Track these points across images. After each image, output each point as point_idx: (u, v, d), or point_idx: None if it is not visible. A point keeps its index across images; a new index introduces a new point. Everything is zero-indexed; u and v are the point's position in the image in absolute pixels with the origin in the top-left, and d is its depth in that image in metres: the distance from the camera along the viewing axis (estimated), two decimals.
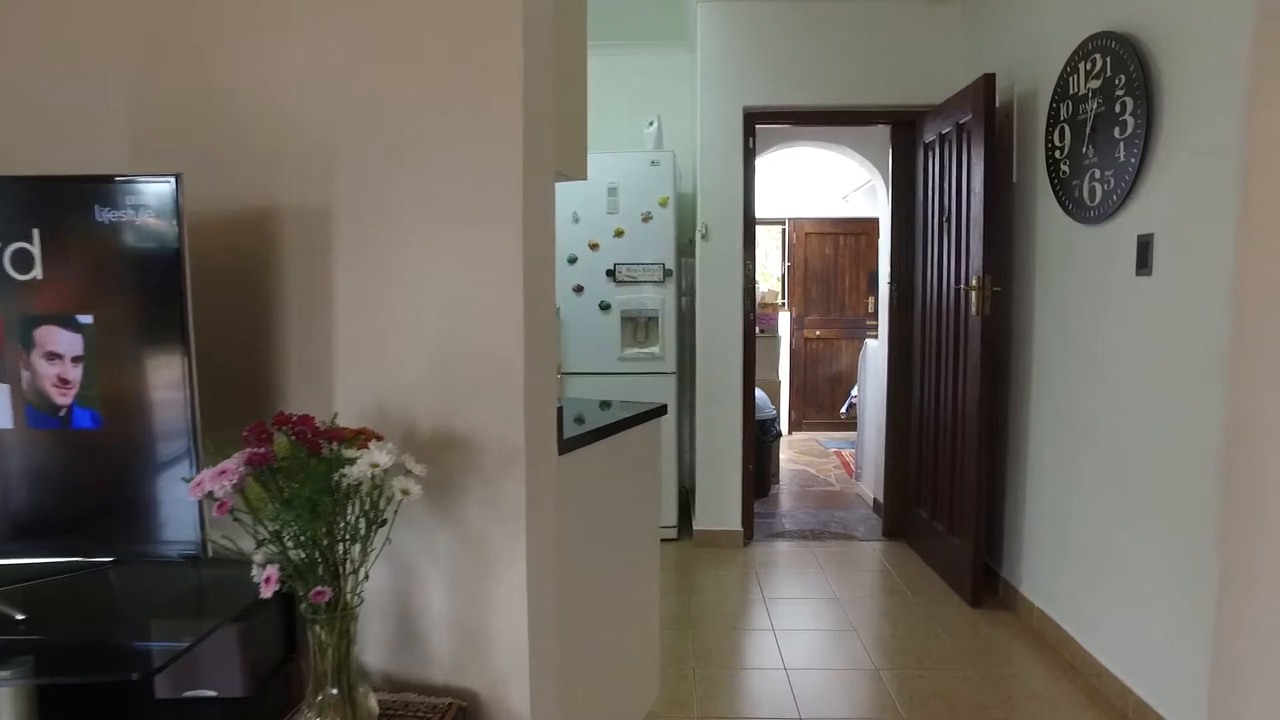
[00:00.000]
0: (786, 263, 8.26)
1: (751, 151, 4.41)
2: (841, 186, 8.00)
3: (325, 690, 1.25)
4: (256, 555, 1.22)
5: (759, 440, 5.18)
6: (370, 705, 1.30)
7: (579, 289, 4.49)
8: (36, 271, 1.31)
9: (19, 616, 1.33)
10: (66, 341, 1.32)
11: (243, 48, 1.50)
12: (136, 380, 1.35)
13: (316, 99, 1.47)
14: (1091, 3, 2.91)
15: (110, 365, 1.34)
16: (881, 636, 3.30)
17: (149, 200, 1.30)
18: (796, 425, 8.25)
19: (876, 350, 5.19)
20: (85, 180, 1.31)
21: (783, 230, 8.25)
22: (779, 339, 7.93)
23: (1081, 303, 3.01)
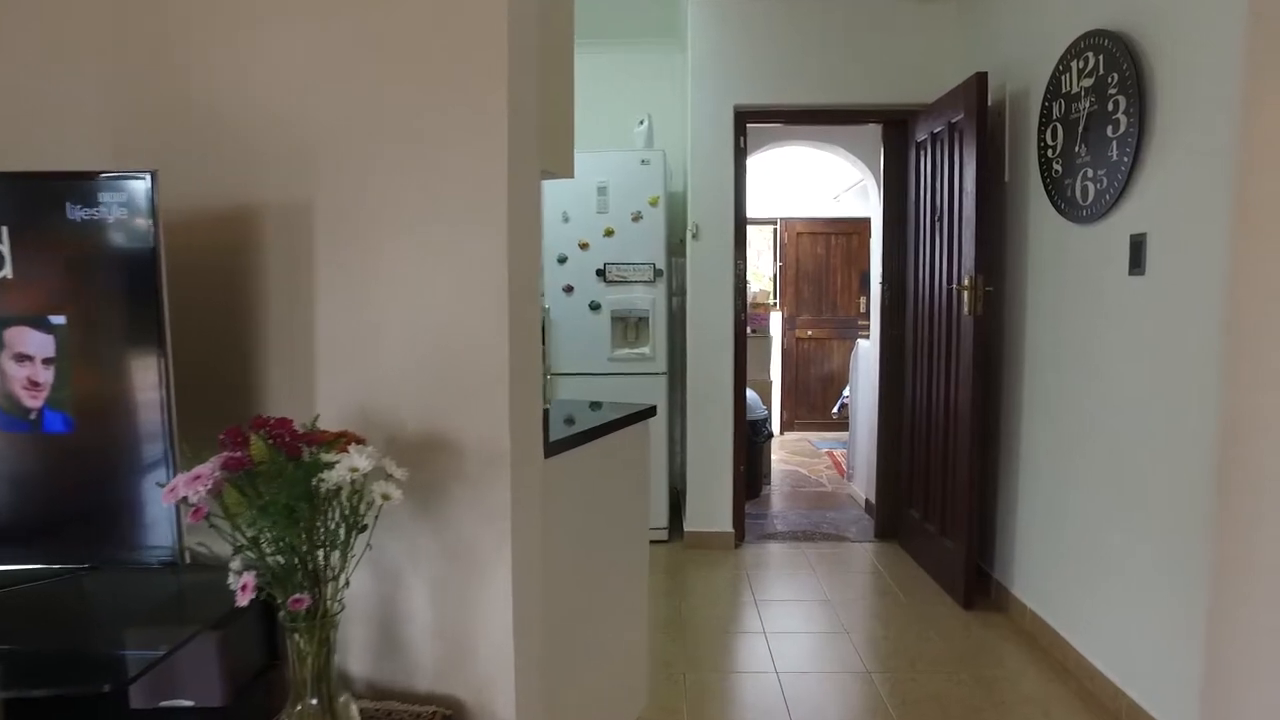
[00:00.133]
0: (778, 262, 8.25)
1: (743, 150, 4.39)
2: (833, 186, 7.99)
3: (305, 700, 1.22)
4: (233, 562, 1.18)
5: (750, 441, 5.16)
6: (352, 714, 1.27)
7: (569, 289, 4.46)
8: (6, 270, 1.27)
9: None
10: (37, 343, 1.28)
11: (224, 44, 1.47)
12: (110, 383, 1.31)
13: (298, 96, 1.44)
14: (1084, 1, 2.90)
15: (83, 367, 1.30)
16: (873, 639, 3.27)
17: (123, 197, 1.26)
18: (788, 425, 8.24)
19: (868, 350, 5.18)
20: (57, 177, 1.28)
21: (774, 230, 8.24)
22: (770, 339, 7.91)
23: (1074, 303, 2.99)
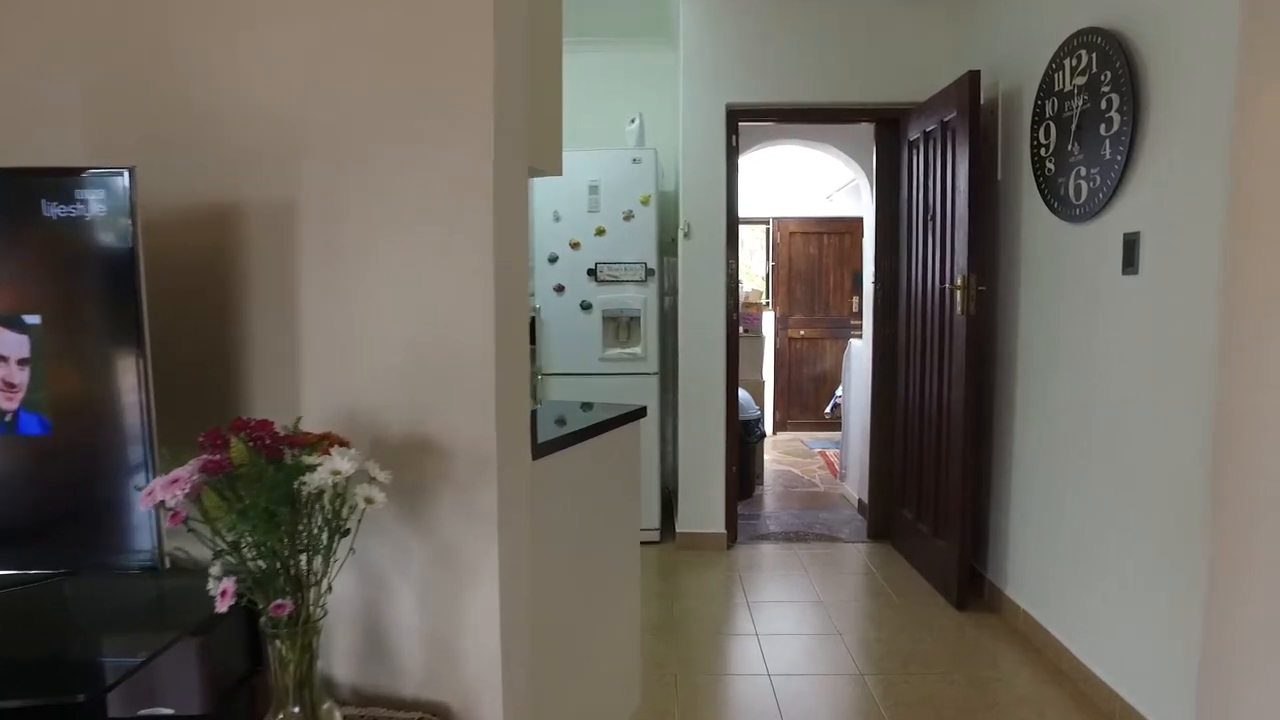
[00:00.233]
0: (771, 262, 8.24)
1: (734, 149, 4.37)
2: (826, 186, 7.98)
3: (287, 708, 1.19)
4: (213, 567, 1.16)
5: (743, 441, 5.14)
6: None
7: (560, 288, 4.43)
8: None
9: None
10: (12, 343, 1.25)
11: (207, 40, 1.44)
12: (88, 384, 1.28)
13: (283, 93, 1.41)
14: None
15: (60, 368, 1.27)
16: (866, 640, 3.26)
17: (101, 194, 1.23)
18: (781, 425, 8.22)
19: (861, 350, 5.17)
20: (30, 173, 1.24)
21: (767, 229, 8.22)
22: (763, 339, 7.90)
23: (1067, 302, 2.98)
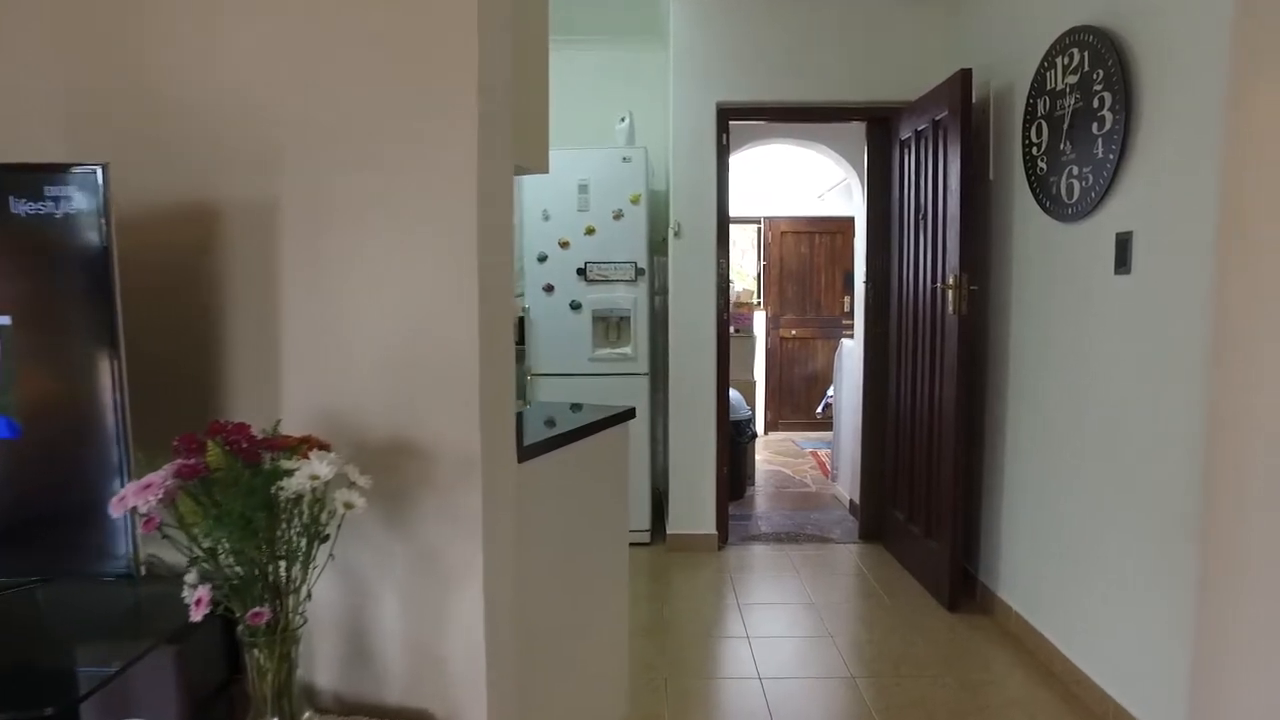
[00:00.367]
0: (762, 261, 8.22)
1: (725, 148, 4.34)
2: (817, 185, 7.97)
3: (265, 719, 1.17)
4: (189, 575, 1.13)
5: (734, 441, 5.12)
6: None
7: (549, 288, 4.40)
8: None
9: None
10: None
11: (186, 35, 1.40)
12: (60, 386, 1.25)
13: (262, 90, 1.38)
14: None
15: (31, 370, 1.23)
16: (858, 642, 3.24)
17: (72, 191, 1.20)
18: (772, 425, 8.21)
19: (852, 350, 5.15)
20: None
21: (758, 229, 8.21)
22: (754, 338, 7.88)
23: (1060, 302, 2.97)
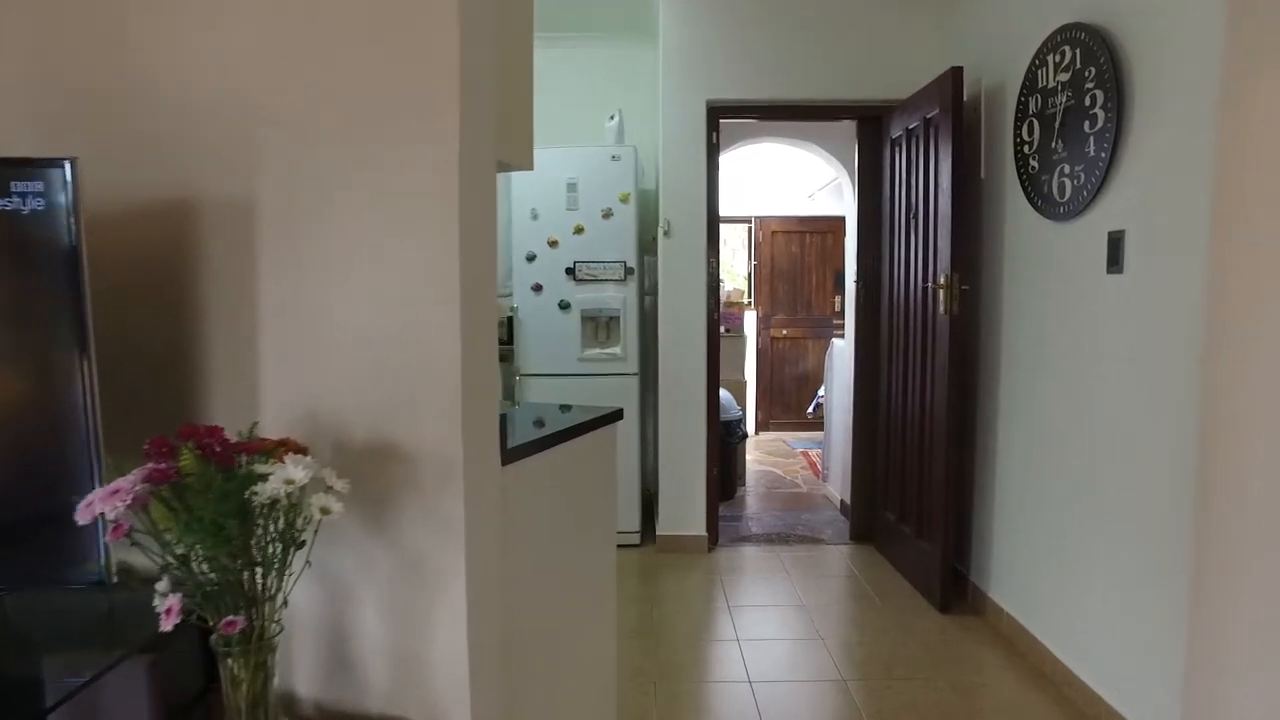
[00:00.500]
0: (753, 261, 8.20)
1: (715, 146, 4.31)
2: (808, 185, 7.95)
3: None
4: (160, 583, 1.09)
5: (725, 442, 5.09)
6: None
7: (538, 287, 4.35)
8: None
9: None
10: None
11: (158, 26, 1.37)
12: (26, 388, 1.20)
13: (239, 85, 1.33)
14: None
15: None
16: (849, 645, 3.21)
17: (39, 187, 1.15)
18: (763, 425, 8.19)
19: (843, 350, 5.13)
20: None
21: (749, 228, 8.18)
22: (745, 338, 7.85)
23: (1052, 301, 2.94)
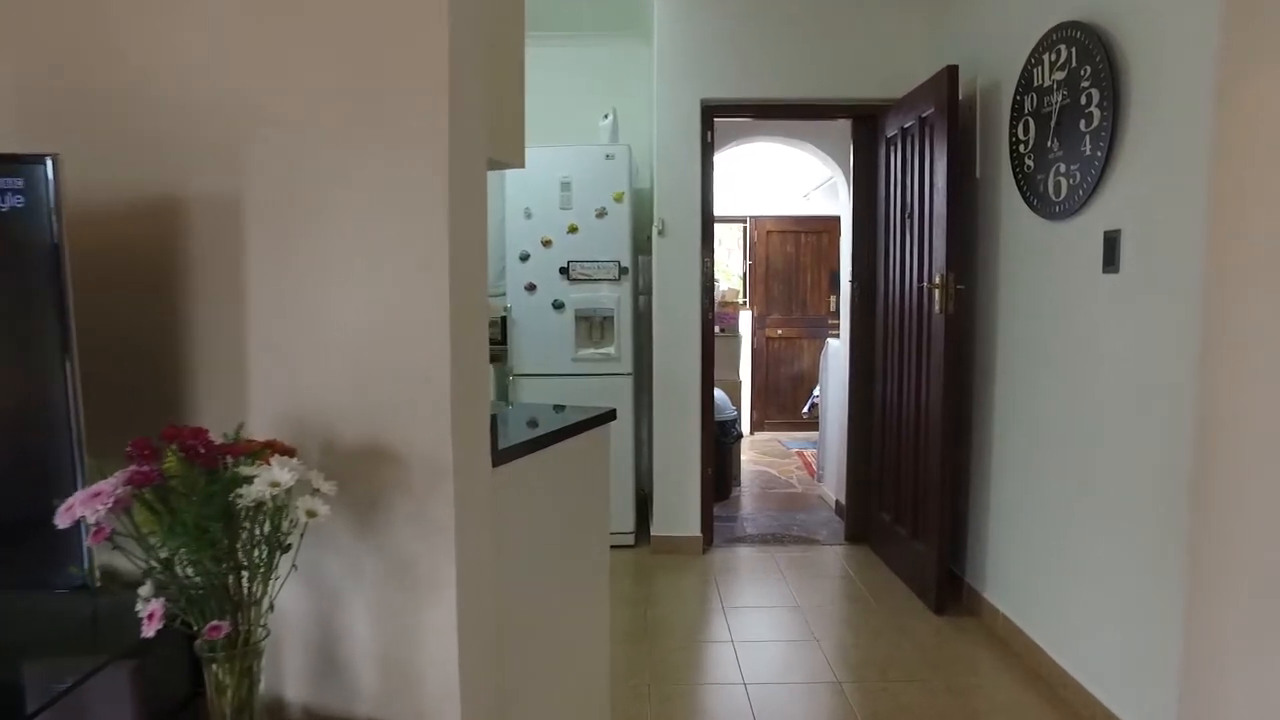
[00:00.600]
0: (748, 261, 8.19)
1: (710, 145, 4.29)
2: (803, 184, 7.94)
3: None
4: (143, 587, 1.07)
5: (720, 442, 5.08)
6: None
7: (531, 287, 4.33)
8: None
9: None
10: None
11: (143, 23, 1.34)
12: (7, 389, 1.18)
13: (227, 82, 1.31)
14: None
15: None
16: (844, 647, 3.19)
17: (19, 184, 1.13)
18: (758, 425, 8.17)
19: (839, 350, 5.12)
20: None
21: (744, 228, 8.17)
22: (740, 338, 7.84)
23: (1047, 301, 2.93)
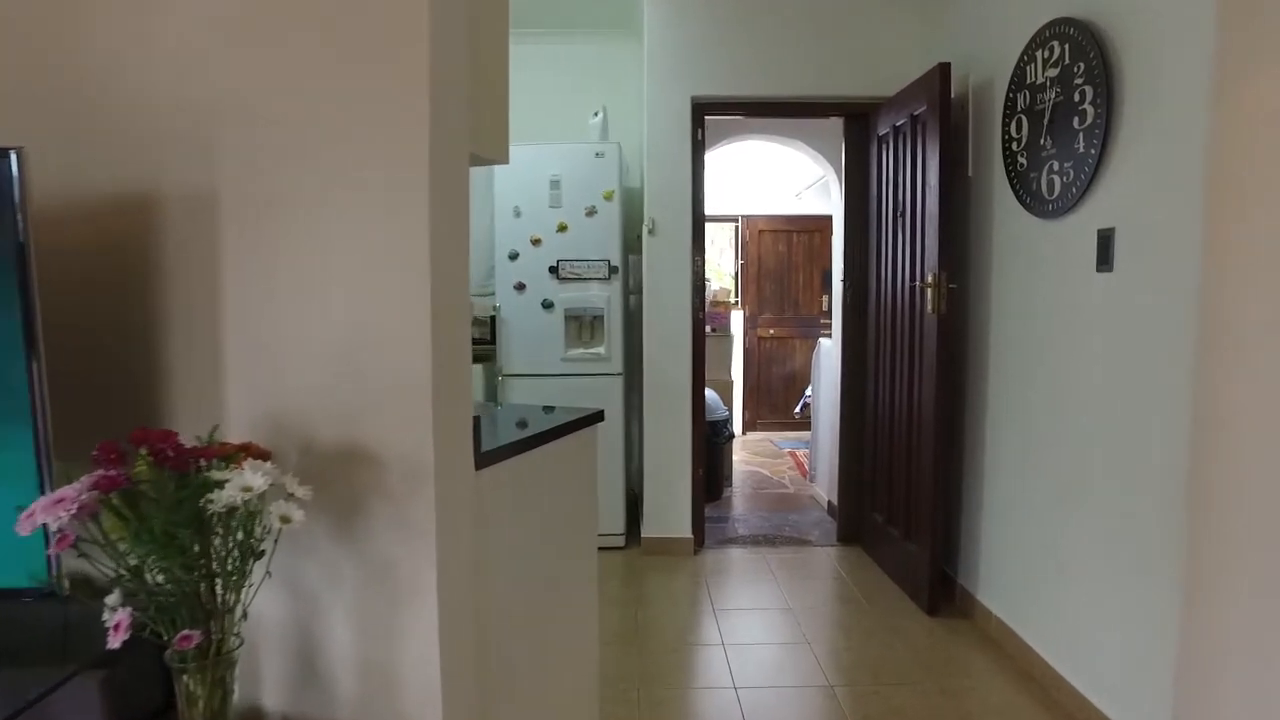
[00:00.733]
0: (740, 260, 8.16)
1: (700, 143, 4.26)
2: (795, 183, 7.92)
3: None
4: (111, 596, 1.03)
5: (711, 442, 5.04)
6: None
7: (520, 286, 4.29)
8: None
9: None
10: None
11: (112, 13, 1.31)
12: None
13: (198, 74, 1.27)
14: None
15: None
16: (836, 649, 3.16)
17: None
18: (750, 425, 8.15)
19: (831, 349, 5.09)
20: None
21: (736, 227, 8.14)
22: (732, 338, 7.82)
23: (1041, 300, 2.91)
